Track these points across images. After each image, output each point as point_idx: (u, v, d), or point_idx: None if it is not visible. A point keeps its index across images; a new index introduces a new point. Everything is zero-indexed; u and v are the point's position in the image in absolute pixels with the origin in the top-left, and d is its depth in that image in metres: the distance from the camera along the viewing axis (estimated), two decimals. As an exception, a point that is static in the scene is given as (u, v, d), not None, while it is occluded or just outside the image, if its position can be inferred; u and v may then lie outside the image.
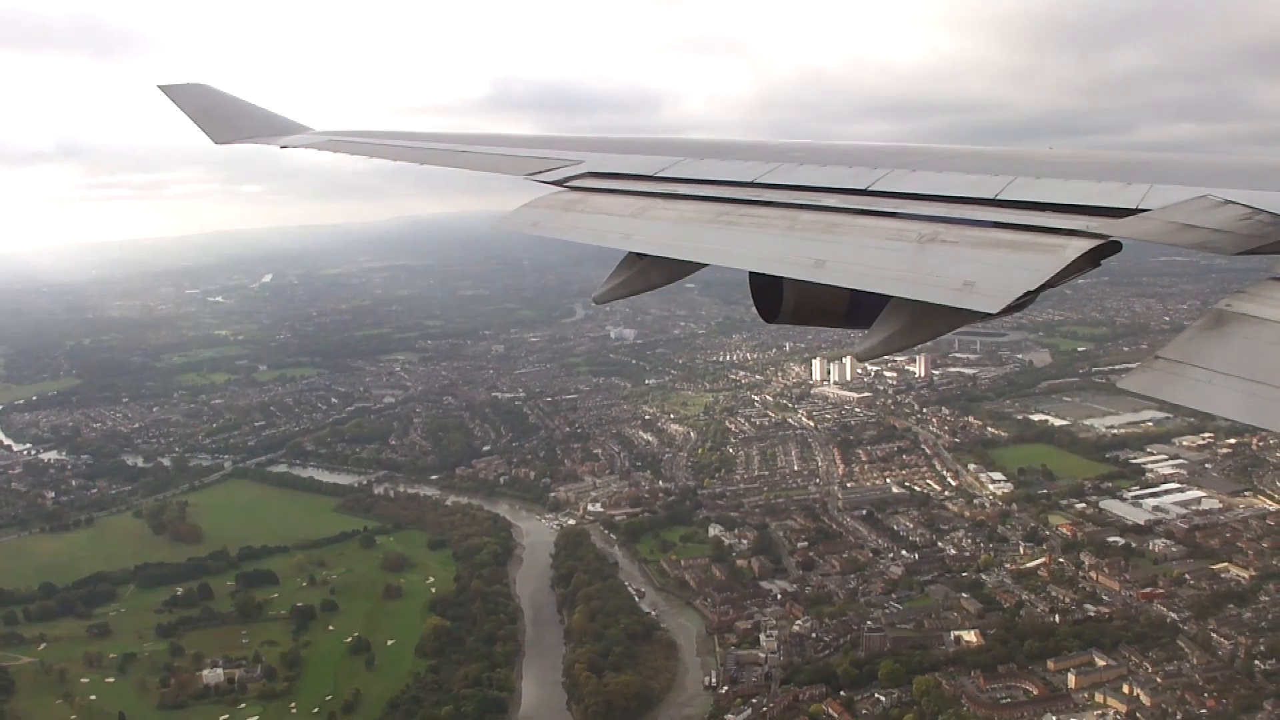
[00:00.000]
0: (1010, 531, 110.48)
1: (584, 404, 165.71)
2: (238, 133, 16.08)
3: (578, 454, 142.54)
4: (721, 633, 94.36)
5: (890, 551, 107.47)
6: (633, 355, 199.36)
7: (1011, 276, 5.47)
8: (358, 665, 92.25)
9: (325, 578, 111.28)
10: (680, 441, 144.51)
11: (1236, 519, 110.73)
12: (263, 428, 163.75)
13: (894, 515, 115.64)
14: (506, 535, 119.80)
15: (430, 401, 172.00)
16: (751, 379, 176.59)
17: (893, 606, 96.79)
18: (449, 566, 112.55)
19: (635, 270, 8.35)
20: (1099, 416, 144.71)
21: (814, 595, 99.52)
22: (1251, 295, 4.57)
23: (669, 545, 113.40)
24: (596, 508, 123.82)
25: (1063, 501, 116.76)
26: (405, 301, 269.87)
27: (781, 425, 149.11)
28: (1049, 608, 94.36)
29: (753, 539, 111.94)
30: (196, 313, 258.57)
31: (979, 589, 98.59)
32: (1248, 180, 6.02)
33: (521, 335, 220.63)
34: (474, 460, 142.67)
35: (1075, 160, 7.55)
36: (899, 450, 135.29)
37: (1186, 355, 4.40)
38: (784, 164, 8.56)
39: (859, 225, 6.79)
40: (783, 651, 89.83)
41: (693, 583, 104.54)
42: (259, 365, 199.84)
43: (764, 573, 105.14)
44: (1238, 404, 4.11)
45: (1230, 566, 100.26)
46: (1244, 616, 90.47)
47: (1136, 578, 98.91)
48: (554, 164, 10.38)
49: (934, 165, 7.74)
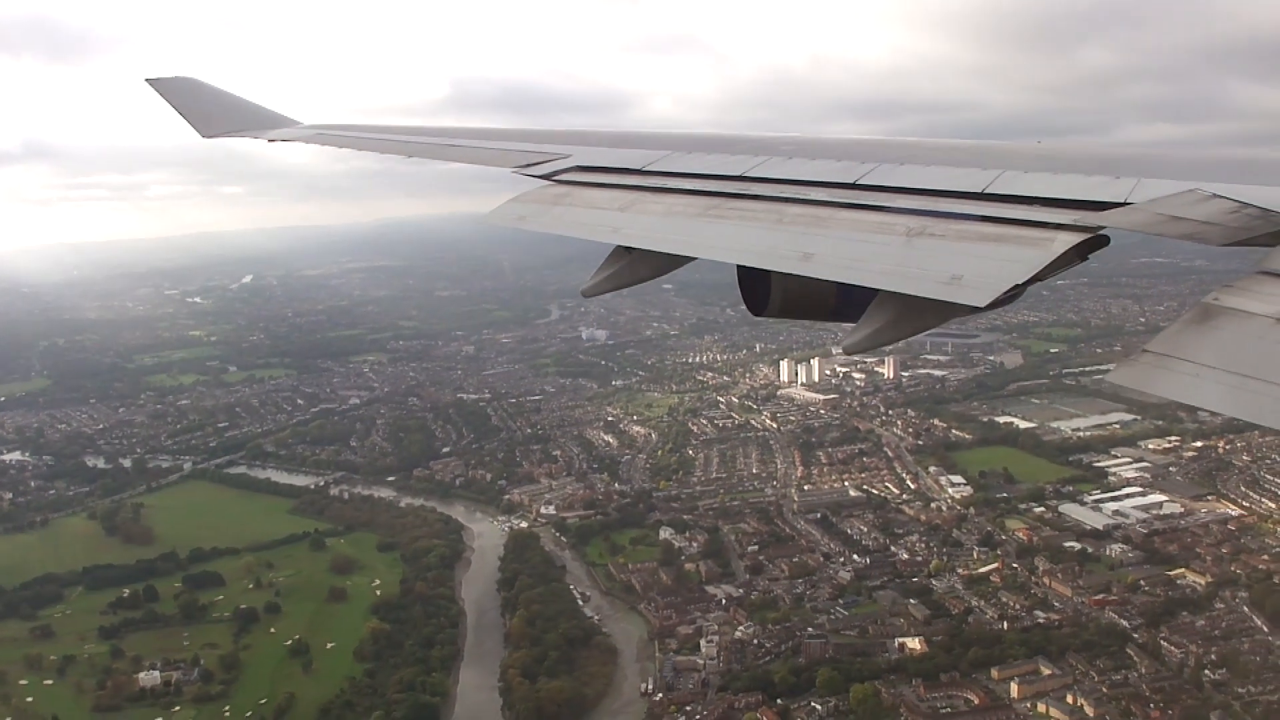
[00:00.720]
0: (966, 536, 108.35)
1: (548, 405, 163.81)
2: (224, 126, 16.23)
3: (537, 455, 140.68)
4: (662, 638, 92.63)
5: (841, 556, 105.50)
6: (603, 356, 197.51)
7: (999, 270, 5.49)
8: (296, 669, 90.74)
9: (272, 580, 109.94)
10: (641, 443, 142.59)
11: (1197, 524, 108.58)
12: (226, 429, 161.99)
13: (849, 519, 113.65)
14: (457, 538, 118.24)
15: (395, 403, 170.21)
16: (719, 380, 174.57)
17: (839, 612, 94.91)
18: (396, 569, 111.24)
19: (623, 264, 8.32)
20: (1066, 419, 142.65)
21: (760, 600, 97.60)
22: (1239, 289, 4.56)
23: (619, 548, 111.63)
24: (550, 510, 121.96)
25: (1021, 505, 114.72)
26: (381, 302, 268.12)
27: (744, 427, 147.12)
28: (998, 614, 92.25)
29: (703, 542, 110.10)
30: (173, 314, 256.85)
31: (928, 595, 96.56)
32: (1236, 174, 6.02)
33: (494, 336, 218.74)
34: (432, 462, 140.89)
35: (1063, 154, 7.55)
36: (860, 453, 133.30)
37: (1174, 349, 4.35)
38: (772, 157, 8.52)
39: (847, 219, 6.81)
40: (722, 658, 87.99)
41: (638, 586, 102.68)
42: (229, 366, 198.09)
43: (711, 577, 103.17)
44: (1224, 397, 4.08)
45: (1187, 573, 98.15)
46: (1197, 624, 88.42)
47: (1090, 584, 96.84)
48: (541, 158, 10.35)
49: (922, 159, 7.74)
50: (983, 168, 6.95)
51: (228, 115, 16.66)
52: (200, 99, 17.05)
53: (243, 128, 16.04)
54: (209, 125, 16.24)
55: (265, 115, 16.55)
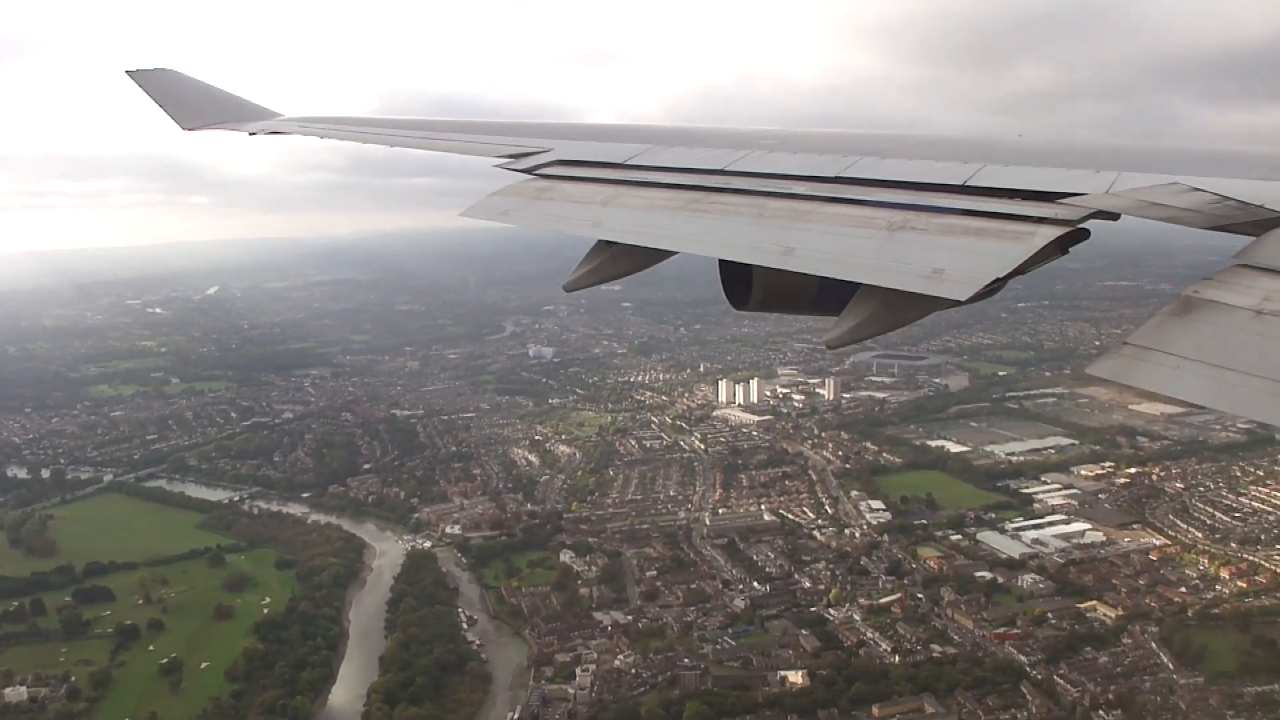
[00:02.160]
0: (874, 564, 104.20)
1: (479, 423, 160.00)
2: (205, 118, 15.95)
3: (456, 474, 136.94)
4: (540, 665, 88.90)
5: (741, 583, 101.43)
6: (545, 374, 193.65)
7: (981, 264, 5.48)
8: (165, 687, 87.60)
9: (162, 596, 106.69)
10: (564, 463, 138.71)
11: (1118, 553, 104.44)
12: (153, 441, 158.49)
13: (757, 544, 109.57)
14: (356, 556, 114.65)
15: (328, 418, 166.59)
16: (657, 400, 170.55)
17: (726, 642, 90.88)
18: (289, 587, 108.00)
19: (605, 258, 8.29)
20: (1002, 443, 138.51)
21: (647, 628, 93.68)
22: (1219, 282, 4.58)
23: (516, 570, 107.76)
24: (455, 530, 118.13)
25: (938, 533, 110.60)
26: (337, 316, 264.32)
27: (672, 448, 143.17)
28: (892, 647, 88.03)
29: (603, 566, 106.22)
30: (129, 324, 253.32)
31: (823, 626, 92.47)
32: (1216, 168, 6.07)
33: (441, 352, 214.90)
34: (350, 478, 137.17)
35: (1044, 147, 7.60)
36: (783, 476, 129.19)
37: (1154, 341, 4.37)
38: (754, 151, 8.52)
39: (828, 213, 6.80)
40: (596, 688, 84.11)
41: (527, 611, 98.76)
42: (172, 378, 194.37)
43: (604, 602, 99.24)
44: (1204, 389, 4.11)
45: (1098, 605, 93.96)
46: (1099, 661, 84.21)
47: (995, 616, 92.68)
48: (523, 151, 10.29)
49: (904, 153, 7.77)
50: (964, 161, 6.95)
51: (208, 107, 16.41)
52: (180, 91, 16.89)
53: (223, 120, 15.86)
54: (189, 118, 15.98)
55: (246, 107, 16.47)
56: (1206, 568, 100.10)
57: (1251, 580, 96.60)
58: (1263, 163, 6.56)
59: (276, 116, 15.72)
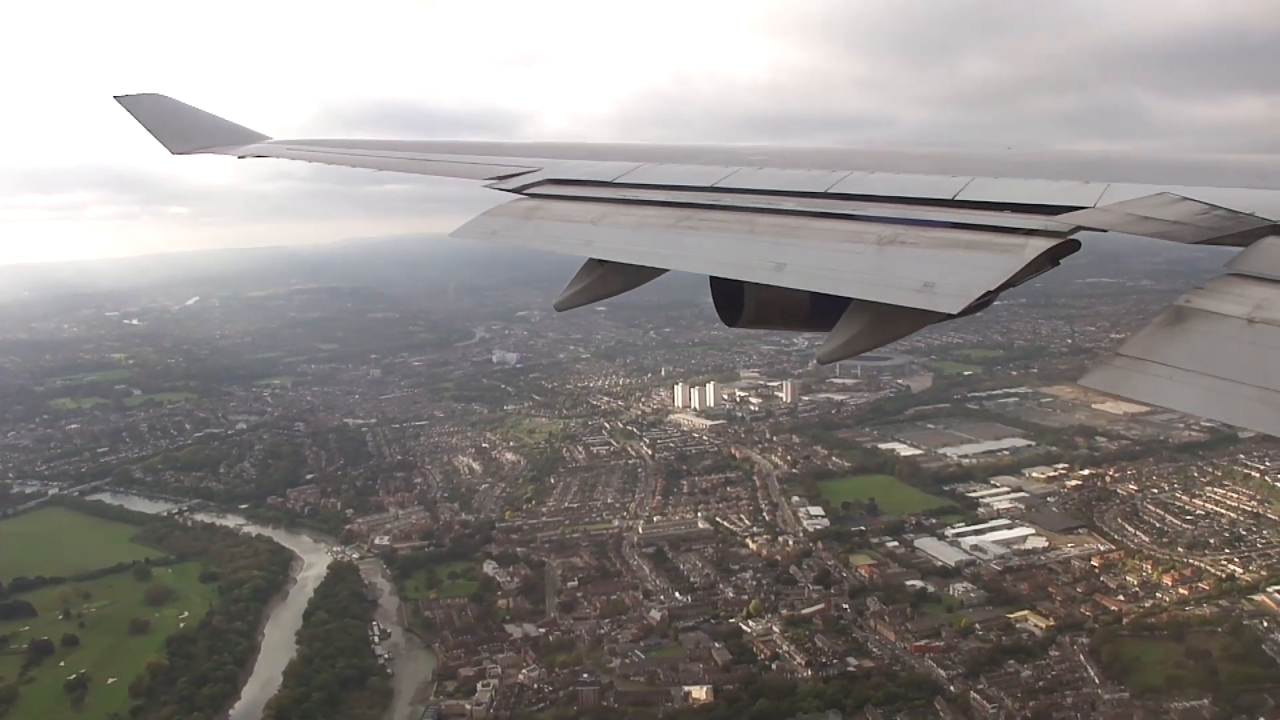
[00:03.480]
0: (804, 573, 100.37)
1: (429, 431, 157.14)
2: (194, 143, 16.17)
3: (397, 483, 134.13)
4: (443, 680, 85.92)
5: (663, 594, 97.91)
6: (506, 380, 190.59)
7: (971, 276, 5.47)
8: (68, 705, 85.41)
9: (83, 611, 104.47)
10: (507, 471, 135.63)
11: (1058, 560, 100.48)
12: (104, 454, 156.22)
13: (687, 553, 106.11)
14: (282, 569, 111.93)
15: (281, 428, 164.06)
16: (612, 405, 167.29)
17: (636, 655, 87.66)
18: (212, 601, 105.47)
19: (595, 277, 8.24)
20: (956, 445, 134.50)
21: (558, 641, 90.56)
22: (1210, 291, 4.59)
23: (438, 582, 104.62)
24: (385, 541, 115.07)
25: (875, 539, 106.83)
26: (311, 324, 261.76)
27: (620, 454, 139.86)
28: (806, 661, 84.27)
29: (526, 577, 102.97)
30: (104, 335, 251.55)
31: (738, 638, 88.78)
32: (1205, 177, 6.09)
33: (406, 359, 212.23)
34: (291, 489, 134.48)
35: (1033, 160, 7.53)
36: (726, 482, 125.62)
37: (1146, 352, 4.36)
38: (743, 167, 8.56)
39: (819, 228, 6.81)
40: (495, 703, 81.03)
41: (440, 623, 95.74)
42: (134, 390, 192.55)
43: (520, 614, 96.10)
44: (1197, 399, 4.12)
45: (1030, 615, 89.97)
46: (1022, 674, 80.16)
47: (920, 627, 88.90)
48: (512, 171, 10.26)
49: (893, 167, 7.80)
50: (953, 174, 6.95)
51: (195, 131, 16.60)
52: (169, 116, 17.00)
53: (211, 144, 16.04)
54: (178, 142, 16.19)
55: (233, 130, 16.57)
56: (1149, 574, 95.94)
57: (1194, 588, 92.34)
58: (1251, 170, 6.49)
59: (264, 139, 15.88)
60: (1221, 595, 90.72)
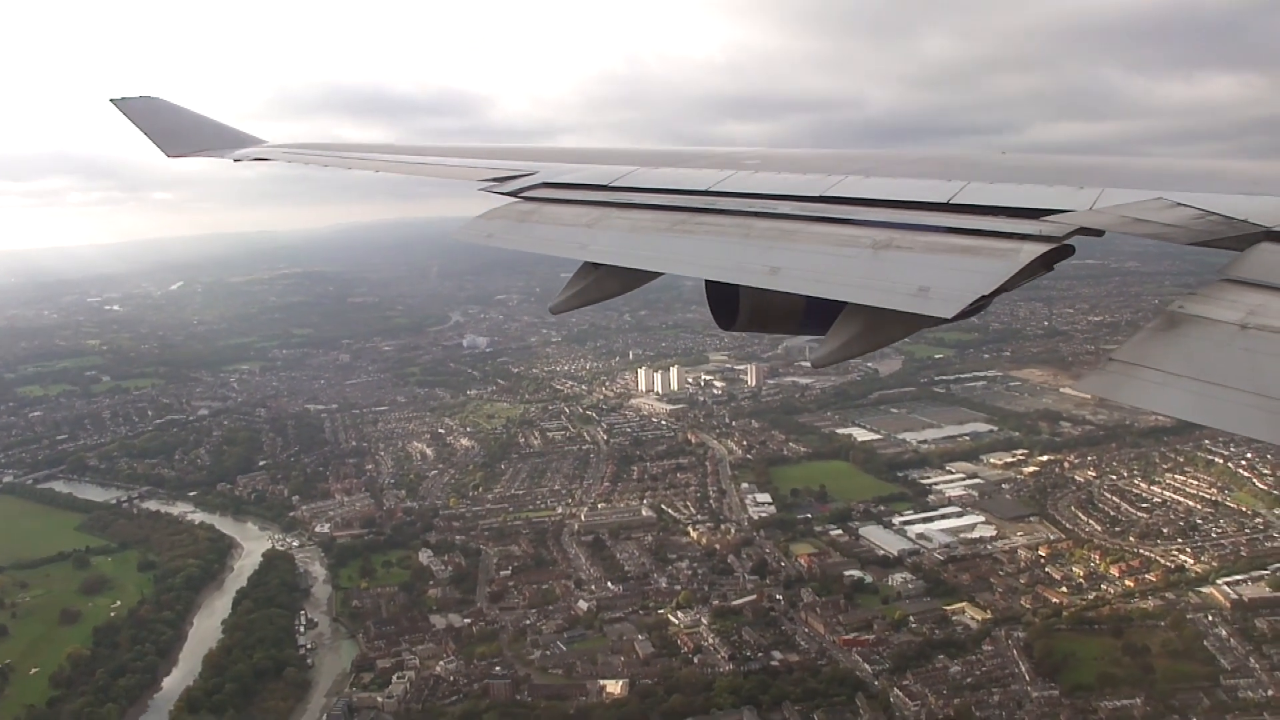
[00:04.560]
0: (741, 563, 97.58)
1: (389, 416, 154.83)
2: (189, 145, 16.40)
3: (348, 470, 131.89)
4: (362, 671, 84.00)
5: (595, 583, 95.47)
6: (473, 364, 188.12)
7: (966, 281, 5.47)
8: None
9: (17, 600, 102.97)
10: (460, 457, 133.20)
11: (1004, 549, 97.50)
12: (63, 441, 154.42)
13: (626, 541, 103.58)
14: (220, 557, 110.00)
15: (243, 414, 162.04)
16: (576, 390, 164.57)
17: (558, 647, 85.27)
18: (144, 590, 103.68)
19: (591, 280, 8.23)
20: (917, 430, 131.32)
21: (481, 632, 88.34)
22: (1203, 297, 4.59)
23: (372, 571, 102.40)
24: (325, 528, 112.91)
25: (820, 528, 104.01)
26: (289, 309, 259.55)
27: (575, 440, 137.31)
28: (729, 654, 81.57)
29: (459, 566, 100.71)
30: (82, 322, 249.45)
31: (664, 630, 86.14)
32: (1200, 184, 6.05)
33: (378, 344, 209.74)
34: (240, 476, 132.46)
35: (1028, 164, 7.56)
36: (677, 468, 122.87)
37: (1139, 357, 4.36)
38: (739, 171, 8.58)
39: (814, 232, 6.80)
40: (408, 696, 78.93)
41: (367, 613, 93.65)
42: (104, 376, 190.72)
43: (448, 604, 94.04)
44: (1190, 404, 4.12)
45: (968, 608, 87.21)
46: (950, 670, 77.27)
47: (853, 620, 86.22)
48: (508, 174, 10.31)
49: (888, 171, 7.82)
50: (948, 179, 6.97)
51: (192, 134, 16.80)
52: (164, 119, 17.18)
53: (207, 147, 16.18)
54: (173, 145, 16.40)
55: (229, 134, 16.69)
56: (1096, 565, 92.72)
57: (1140, 580, 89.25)
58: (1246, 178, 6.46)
59: (260, 143, 16.01)
60: (1169, 587, 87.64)
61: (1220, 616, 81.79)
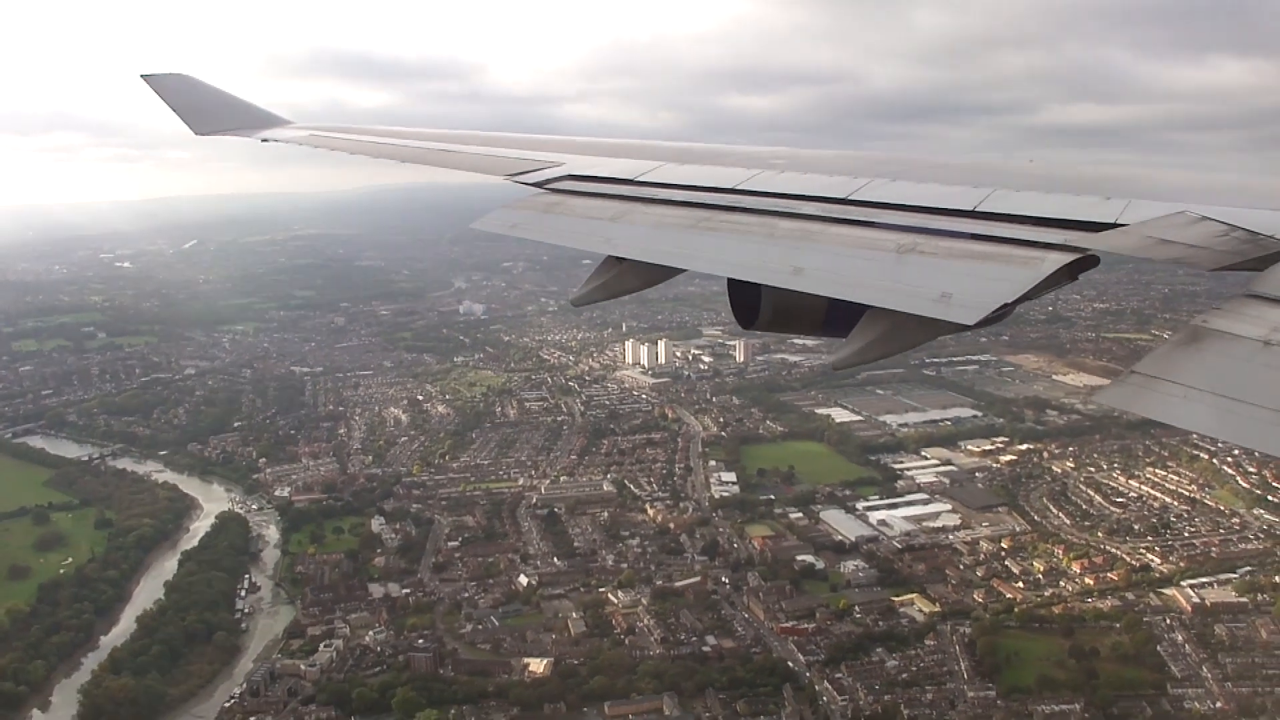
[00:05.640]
0: (694, 542, 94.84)
1: (372, 381, 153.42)
2: (218, 124, 16.74)
3: (320, 434, 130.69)
4: (293, 638, 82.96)
5: (541, 558, 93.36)
6: (466, 331, 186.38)
7: (989, 288, 5.42)
8: None
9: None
10: (434, 425, 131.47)
11: (966, 540, 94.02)
12: (47, 396, 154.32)
13: (581, 517, 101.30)
14: (176, 517, 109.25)
15: (229, 374, 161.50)
16: (563, 360, 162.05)
17: (491, 622, 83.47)
18: (95, 549, 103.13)
19: (613, 274, 8.09)
20: (900, 412, 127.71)
21: (417, 603, 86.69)
22: (1227, 312, 4.53)
23: (322, 536, 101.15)
24: (285, 492, 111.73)
25: (780, 510, 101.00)
26: (296, 271, 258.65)
27: (551, 411, 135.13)
28: (662, 636, 79.11)
29: (409, 535, 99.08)
30: (90, 278, 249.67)
31: (601, 608, 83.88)
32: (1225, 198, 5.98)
33: (375, 308, 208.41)
34: (213, 436, 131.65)
35: (1055, 173, 7.49)
36: (649, 443, 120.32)
37: (1161, 370, 4.30)
38: (764, 171, 8.50)
39: (838, 234, 6.76)
40: (331, 665, 77.73)
41: (309, 579, 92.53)
42: (100, 333, 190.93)
43: (392, 573, 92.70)
44: (1210, 419, 4.07)
45: (917, 599, 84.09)
46: (887, 664, 74.52)
47: (796, 607, 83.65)
48: (535, 165, 10.27)
49: (914, 176, 7.68)
50: (974, 185, 6.88)
51: (221, 112, 17.04)
52: (193, 96, 17.29)
53: (236, 126, 16.53)
54: (202, 123, 16.70)
55: (258, 114, 16.93)
56: (1058, 560, 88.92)
57: (1101, 577, 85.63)
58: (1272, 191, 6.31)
59: (287, 124, 16.19)
60: (1130, 587, 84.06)
61: (1179, 620, 78.08)
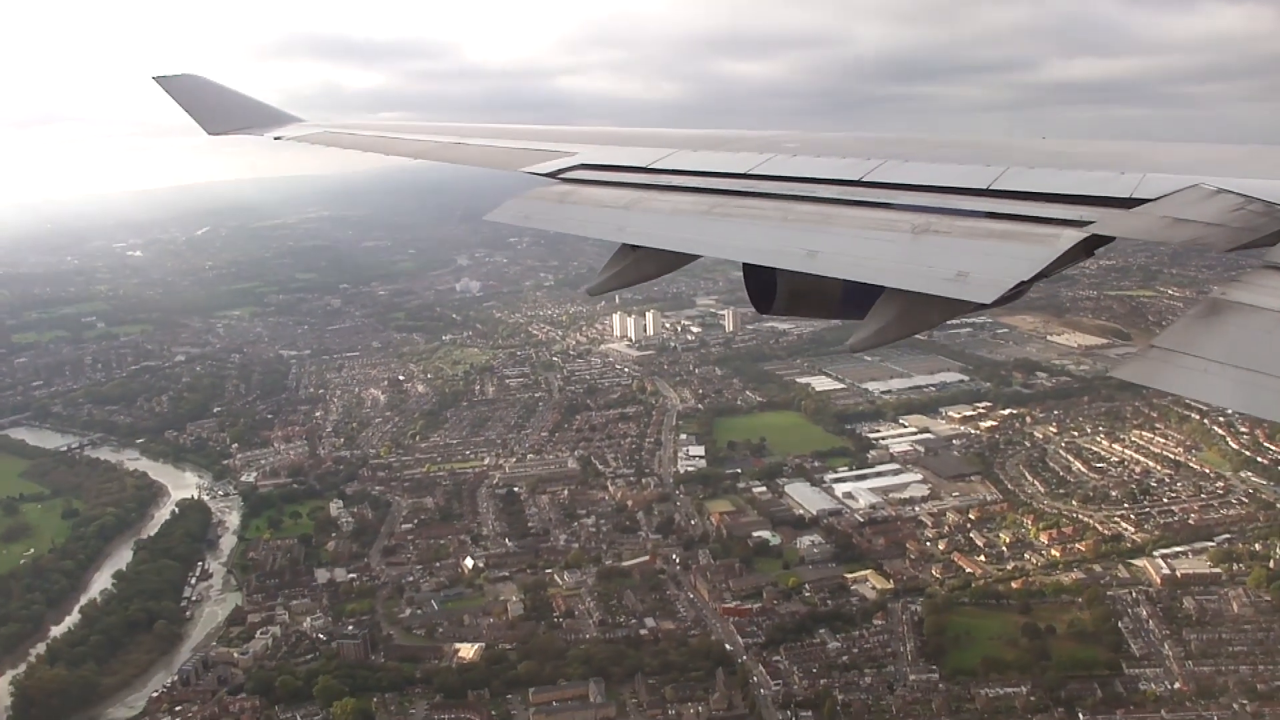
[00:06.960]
0: (650, 520, 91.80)
1: (357, 362, 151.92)
2: (230, 123, 16.75)
3: (298, 417, 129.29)
4: (234, 625, 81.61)
5: (491, 540, 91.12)
6: (459, 309, 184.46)
7: (1005, 267, 5.42)
8: None
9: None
10: (411, 405, 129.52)
11: (932, 511, 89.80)
12: (37, 387, 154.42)
13: (541, 496, 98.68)
14: (141, 506, 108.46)
15: (218, 360, 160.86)
16: (551, 335, 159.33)
17: (431, 606, 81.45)
18: (55, 540, 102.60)
19: (629, 262, 8.15)
20: (885, 379, 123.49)
21: (360, 588, 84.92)
22: (1246, 284, 4.50)
23: (279, 521, 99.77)
24: (251, 477, 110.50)
25: (744, 484, 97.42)
26: (302, 253, 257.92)
27: (532, 387, 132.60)
28: (600, 619, 76.44)
29: (365, 518, 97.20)
30: (99, 268, 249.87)
31: (544, 590, 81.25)
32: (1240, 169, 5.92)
33: (373, 289, 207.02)
34: (191, 423, 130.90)
35: (1068, 150, 7.44)
36: (622, 418, 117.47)
37: (1180, 344, 4.28)
38: (777, 155, 8.42)
39: (852, 216, 6.73)
40: (265, 653, 76.50)
41: (260, 565, 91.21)
42: (99, 323, 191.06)
43: (342, 558, 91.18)
44: (1231, 392, 4.06)
45: (872, 576, 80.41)
46: (829, 646, 70.91)
47: (744, 586, 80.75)
48: (548, 156, 10.18)
49: (928, 156, 7.66)
50: (987, 164, 6.83)
51: (233, 112, 17.04)
52: (205, 96, 17.30)
53: (248, 125, 16.59)
54: (214, 122, 16.66)
55: (270, 113, 16.98)
56: (1026, 531, 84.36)
57: (1068, 549, 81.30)
58: None
59: (298, 122, 16.17)
60: (1099, 559, 79.52)
61: (1145, 594, 73.52)
